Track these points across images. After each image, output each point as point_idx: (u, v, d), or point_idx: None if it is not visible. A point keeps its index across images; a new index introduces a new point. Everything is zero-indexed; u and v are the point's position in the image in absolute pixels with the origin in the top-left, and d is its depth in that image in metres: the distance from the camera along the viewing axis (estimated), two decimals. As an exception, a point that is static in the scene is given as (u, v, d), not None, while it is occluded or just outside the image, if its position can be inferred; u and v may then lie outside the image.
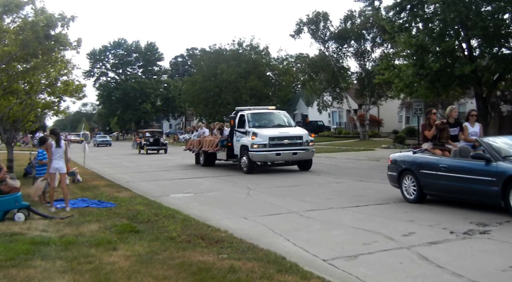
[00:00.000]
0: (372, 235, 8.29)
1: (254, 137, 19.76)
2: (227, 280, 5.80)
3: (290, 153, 19.65)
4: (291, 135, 20.09)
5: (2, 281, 5.91)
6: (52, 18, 16.92)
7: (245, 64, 60.64)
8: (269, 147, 19.48)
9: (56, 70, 18.93)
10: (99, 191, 14.49)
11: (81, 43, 18.20)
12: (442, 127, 11.33)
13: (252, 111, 22.12)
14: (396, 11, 25.07)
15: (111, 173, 21.99)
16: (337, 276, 6.17)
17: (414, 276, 6.15)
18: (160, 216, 9.94)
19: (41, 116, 21.47)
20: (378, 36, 43.85)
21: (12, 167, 18.00)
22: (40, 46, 16.94)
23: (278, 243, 8.01)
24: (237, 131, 21.11)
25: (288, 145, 19.75)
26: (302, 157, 20.03)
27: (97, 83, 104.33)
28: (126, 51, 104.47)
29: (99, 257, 6.93)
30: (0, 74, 18.06)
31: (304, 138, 20.08)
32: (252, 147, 19.54)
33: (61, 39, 17.31)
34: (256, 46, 64.89)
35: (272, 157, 19.67)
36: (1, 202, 9.97)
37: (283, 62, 66.13)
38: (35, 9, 17.33)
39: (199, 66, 70.81)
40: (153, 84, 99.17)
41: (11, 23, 17.65)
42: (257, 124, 20.87)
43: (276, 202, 12.36)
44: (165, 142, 43.84)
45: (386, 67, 27.68)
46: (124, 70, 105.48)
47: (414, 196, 11.30)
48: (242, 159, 20.28)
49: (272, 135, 19.72)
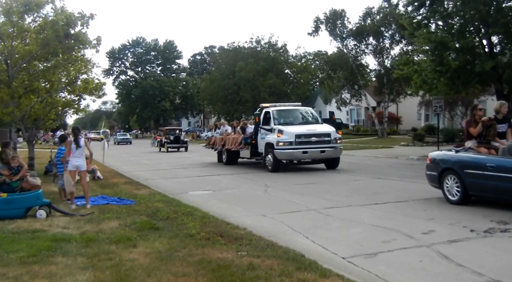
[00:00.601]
0: (392, 233, 8.24)
1: (280, 134, 19.19)
2: (246, 277, 5.79)
3: (318, 151, 19.03)
4: (318, 133, 19.46)
5: (25, 277, 5.98)
6: (71, 17, 17.13)
7: (263, 62, 60.57)
8: (295, 145, 18.91)
9: (76, 69, 19.10)
10: (119, 188, 14.60)
11: (101, 41, 18.40)
12: (489, 124, 10.62)
13: (278, 108, 21.46)
14: (415, 7, 24.82)
15: (130, 170, 22.13)
16: (356, 274, 6.13)
17: (434, 275, 6.10)
18: (179, 213, 9.98)
19: (61, 114, 21.65)
20: (397, 33, 43.54)
21: (33, 165, 18.18)
22: (60, 45, 17.16)
23: (297, 240, 8.00)
24: (262, 128, 20.53)
25: (315, 142, 19.13)
26: (330, 155, 19.40)
27: (117, 82, 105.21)
28: (145, 50, 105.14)
29: (119, 254, 6.98)
30: (22, 73, 18.32)
31: (332, 135, 19.44)
32: (278, 144, 19.02)
33: (81, 38, 17.50)
34: (274, 44, 64.83)
35: (299, 155, 19.08)
36: (22, 199, 10.10)
37: (301, 59, 65.95)
38: (55, 8, 17.57)
39: (218, 64, 70.98)
40: (171, 82, 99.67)
41: (32, 23, 17.89)
42: (282, 122, 20.25)
43: (294, 199, 12.34)
44: (186, 140, 43.70)
45: (405, 63, 27.44)
46: (143, 69, 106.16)
47: (457, 197, 10.59)
48: (267, 157, 19.71)
49: (299, 133, 19.15)
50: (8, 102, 17.97)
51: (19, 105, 18.01)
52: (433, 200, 11.40)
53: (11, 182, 10.65)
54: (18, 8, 16.93)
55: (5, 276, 6.04)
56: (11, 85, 17.39)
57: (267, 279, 5.76)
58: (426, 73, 24.11)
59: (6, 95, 17.55)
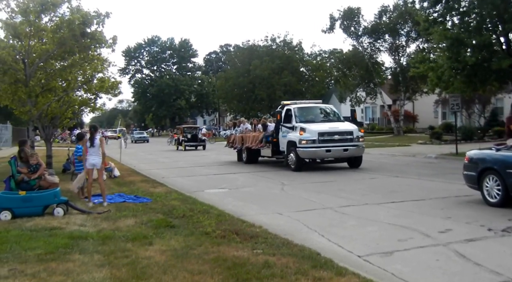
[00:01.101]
0: (408, 232, 8.19)
1: (302, 132, 18.79)
2: (261, 275, 5.79)
3: (341, 149, 18.66)
4: (341, 131, 19.09)
5: (43, 274, 6.03)
6: (87, 16, 17.23)
7: (278, 60, 60.52)
8: (318, 143, 18.51)
9: (92, 68, 19.22)
10: (135, 186, 14.67)
11: (117, 41, 18.50)
12: None
13: (299, 106, 21.06)
14: (430, 4, 24.60)
15: (147, 168, 22.23)
16: (372, 272, 6.10)
17: (451, 274, 6.05)
18: (195, 211, 10.00)
19: (78, 113, 21.80)
20: (413, 30, 43.26)
21: (51, 163, 18.35)
22: (77, 44, 17.28)
23: (312, 238, 7.98)
24: (283, 126, 20.13)
25: (338, 140, 18.73)
26: (353, 154, 19.05)
27: (132, 80, 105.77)
28: (161, 48, 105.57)
29: (135, 252, 7.01)
30: (39, 72, 18.48)
31: (355, 133, 19.06)
32: (300, 142, 18.60)
33: (97, 37, 17.61)
34: (289, 42, 64.73)
35: (322, 154, 18.73)
36: (40, 197, 10.20)
37: (316, 57, 65.74)
38: (71, 8, 17.67)
39: (233, 62, 71.05)
40: (187, 81, 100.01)
41: (49, 22, 18.02)
42: (304, 119, 19.81)
43: (310, 197, 12.32)
44: (203, 138, 43.45)
45: (421, 61, 27.21)
46: (158, 67, 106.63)
47: (498, 199, 9.95)
48: (289, 156, 19.33)
49: (322, 131, 18.76)
50: (25, 101, 18.16)
51: (36, 104, 18.17)
52: (450, 199, 11.33)
53: (30, 180, 10.77)
54: (35, 8, 17.07)
55: (23, 273, 6.11)
56: (29, 84, 17.55)
57: (282, 277, 5.74)
58: (442, 71, 23.90)
59: (24, 94, 17.72)
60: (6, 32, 17.41)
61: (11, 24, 17.09)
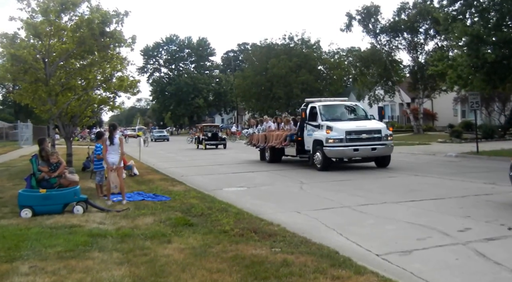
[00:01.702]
0: (427, 230, 8.11)
1: (329, 131, 18.21)
2: (280, 274, 5.77)
3: (369, 148, 18.08)
4: (369, 129, 18.55)
5: (63, 271, 6.09)
6: (107, 15, 17.37)
7: (296, 58, 60.41)
8: (346, 142, 17.93)
9: (111, 67, 19.37)
10: (154, 185, 14.73)
11: (136, 40, 18.63)
12: None
13: (325, 103, 20.40)
14: (449, 1, 24.33)
15: (166, 167, 22.31)
16: (391, 271, 6.06)
17: (471, 273, 5.98)
18: (214, 210, 10.02)
19: (97, 111, 21.99)
20: (432, 28, 42.90)
21: (71, 161, 18.52)
22: (96, 43, 17.42)
23: (331, 237, 7.94)
24: (309, 124, 19.60)
25: (366, 139, 18.18)
26: (381, 153, 18.50)
27: (151, 79, 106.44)
28: (179, 47, 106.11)
29: (154, 250, 7.04)
30: (59, 71, 18.68)
31: (383, 132, 18.53)
32: (327, 141, 18.02)
33: (116, 36, 17.75)
34: (307, 40, 64.56)
35: (350, 153, 18.16)
36: (61, 195, 10.30)
37: (334, 56, 65.47)
38: (90, 7, 17.80)
39: (250, 61, 71.09)
40: (205, 79, 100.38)
41: (68, 21, 18.19)
42: (330, 117, 19.29)
43: (329, 196, 12.27)
44: (224, 137, 42.80)
45: (440, 58, 26.94)
46: (176, 66, 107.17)
47: None
48: (316, 155, 18.71)
49: (349, 129, 18.18)
50: (46, 99, 18.37)
51: (56, 102, 18.37)
52: (470, 198, 11.20)
53: (50, 178, 10.86)
54: (55, 7, 17.25)
55: (43, 270, 6.17)
56: (49, 83, 17.75)
57: (301, 275, 5.72)
58: (462, 68, 23.65)
59: (44, 93, 17.93)
60: (27, 31, 17.62)
61: (32, 24, 17.28)
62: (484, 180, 14.11)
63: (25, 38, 18.05)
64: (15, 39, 17.76)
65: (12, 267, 6.33)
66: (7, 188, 14.52)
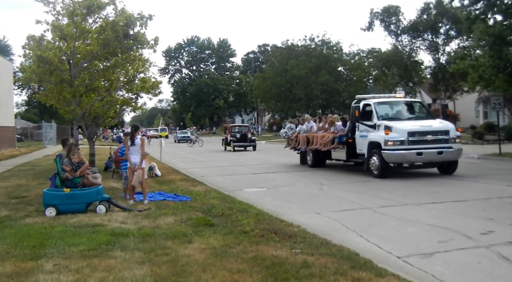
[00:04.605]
0: (449, 233, 8.05)
1: (388, 132, 15.94)
2: (300, 275, 5.79)
3: (434, 152, 15.73)
4: (435, 130, 16.19)
5: (86, 270, 6.19)
6: (131, 18, 17.56)
7: (316, 59, 60.28)
8: (407, 144, 15.69)
9: (134, 68, 19.54)
10: (175, 185, 14.84)
11: (158, 41, 18.76)
12: None
13: (380, 100, 18.08)
14: (471, 1, 24.08)
15: (186, 167, 22.44)
16: (413, 274, 6.03)
17: (495, 277, 5.93)
18: (234, 210, 10.06)
19: (119, 112, 22.18)
20: (453, 29, 42.54)
21: (94, 161, 18.69)
22: (120, 45, 17.63)
23: (351, 239, 7.93)
24: (362, 124, 17.37)
25: (431, 141, 15.91)
26: (449, 157, 16.11)
27: (172, 80, 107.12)
28: (199, 48, 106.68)
29: (175, 249, 7.10)
30: (83, 72, 18.91)
31: (451, 133, 16.15)
32: (386, 144, 15.80)
33: (139, 38, 17.92)
34: (328, 41, 64.40)
35: (412, 157, 15.87)
36: (84, 195, 10.46)
37: (354, 57, 65.22)
38: (115, 10, 18.01)
39: (271, 62, 71.17)
40: (225, 80, 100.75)
41: (93, 24, 18.41)
42: (387, 116, 17.15)
43: (349, 197, 12.25)
44: (254, 138, 39.31)
45: (462, 57, 26.71)
46: (197, 67, 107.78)
47: None
48: (372, 159, 16.45)
49: (412, 130, 15.88)
50: (70, 100, 18.62)
51: (80, 103, 18.59)
52: (493, 200, 11.09)
53: (74, 178, 11.04)
54: (81, 10, 17.49)
55: (67, 268, 6.28)
56: (73, 84, 17.99)
57: (321, 277, 5.73)
58: (484, 69, 23.40)
59: (69, 94, 18.17)
60: (53, 34, 17.90)
61: (58, 26, 17.55)
62: (507, 182, 13.95)
63: (51, 40, 18.34)
64: (42, 41, 18.06)
65: (37, 265, 6.45)
66: (32, 187, 14.78)
